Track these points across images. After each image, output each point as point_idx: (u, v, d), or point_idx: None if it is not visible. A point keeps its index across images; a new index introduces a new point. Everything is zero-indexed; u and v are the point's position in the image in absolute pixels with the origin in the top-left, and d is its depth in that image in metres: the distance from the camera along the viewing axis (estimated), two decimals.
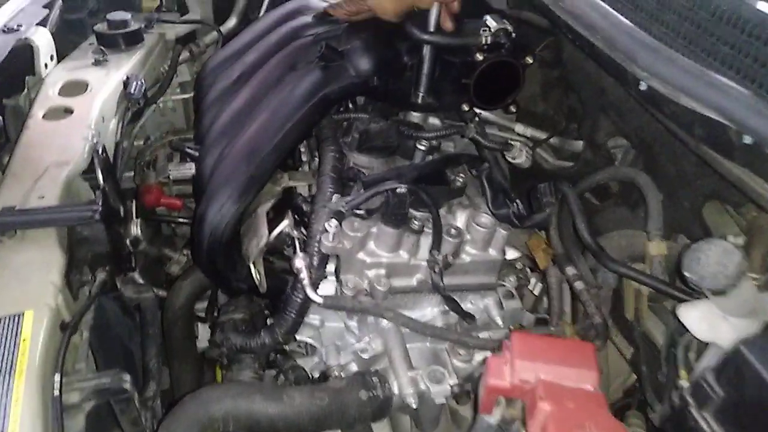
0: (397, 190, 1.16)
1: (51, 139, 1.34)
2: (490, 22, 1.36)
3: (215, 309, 1.72)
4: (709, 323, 0.93)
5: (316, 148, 1.47)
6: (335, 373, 1.25)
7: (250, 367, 1.33)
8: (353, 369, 1.26)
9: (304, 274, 1.16)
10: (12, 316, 0.92)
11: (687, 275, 0.94)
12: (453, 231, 1.24)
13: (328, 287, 1.27)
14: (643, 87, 1.00)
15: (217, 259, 1.28)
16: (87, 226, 1.09)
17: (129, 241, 1.36)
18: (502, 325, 1.30)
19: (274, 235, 1.28)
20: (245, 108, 1.43)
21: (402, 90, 1.44)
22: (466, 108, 1.45)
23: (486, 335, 1.28)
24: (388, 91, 1.43)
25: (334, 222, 1.18)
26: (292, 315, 1.24)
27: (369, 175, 1.34)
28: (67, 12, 1.93)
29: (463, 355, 1.23)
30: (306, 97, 1.33)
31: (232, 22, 2.26)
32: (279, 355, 1.40)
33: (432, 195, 1.22)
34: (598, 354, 0.91)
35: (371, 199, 1.21)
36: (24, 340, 0.88)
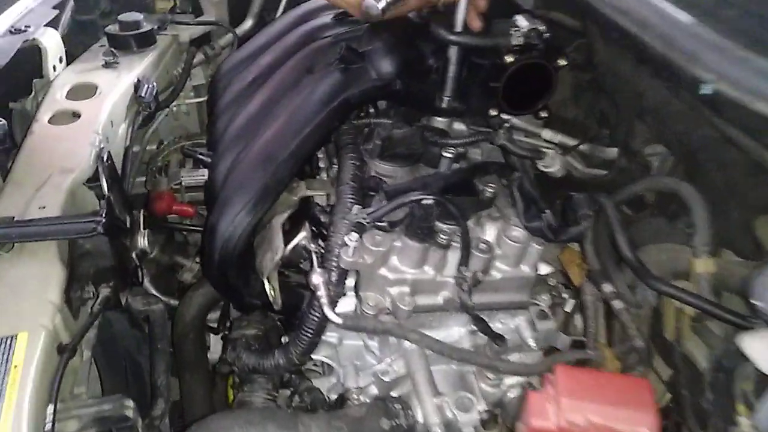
0: (423, 202, 1.09)
1: (56, 145, 1.27)
2: (521, 21, 1.29)
3: (227, 320, 1.66)
4: None
5: (335, 154, 1.41)
6: (354, 397, 1.19)
7: (263, 388, 1.28)
8: (373, 392, 1.20)
9: (321, 292, 1.09)
10: (4, 339, 0.84)
11: (759, 305, 0.84)
12: (482, 245, 1.16)
13: (347, 303, 1.20)
14: (706, 90, 0.90)
15: (228, 273, 1.21)
16: (90, 239, 1.01)
17: (135, 254, 1.28)
18: (535, 347, 1.23)
19: (289, 249, 1.20)
20: (260, 112, 1.38)
21: (426, 94, 1.37)
22: (493, 113, 1.38)
23: (517, 357, 1.21)
24: (412, 94, 1.36)
25: (355, 235, 1.10)
26: (309, 335, 1.16)
27: (392, 184, 1.27)
28: (78, 13, 1.90)
29: (492, 379, 1.16)
30: (325, 100, 1.27)
31: (247, 24, 2.23)
32: (294, 375, 1.33)
33: (460, 206, 1.15)
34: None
35: (394, 211, 1.13)
36: (15, 366, 0.80)
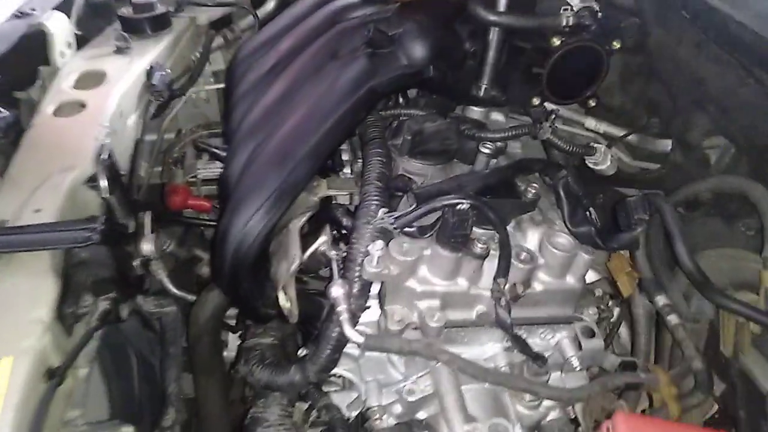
0: (458, 207, 0.96)
1: (59, 139, 1.17)
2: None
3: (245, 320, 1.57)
4: None
5: (360, 148, 1.29)
6: (376, 416, 1.10)
7: (278, 404, 1.18)
8: (397, 411, 1.11)
9: (342, 307, 0.98)
10: None
11: None
12: (524, 255, 1.04)
13: (371, 315, 1.09)
14: None
15: (241, 281, 1.10)
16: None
17: (140, 262, 1.18)
18: (579, 367, 1.10)
19: (307, 255, 1.09)
20: (279, 102, 1.26)
21: (462, 81, 1.26)
22: (536, 102, 1.27)
23: (558, 377, 1.11)
24: (446, 82, 1.24)
25: (380, 243, 0.98)
26: (327, 351, 1.05)
27: (422, 185, 1.15)
28: None
29: (530, 400, 1.06)
30: (349, 90, 1.15)
31: (270, 5, 2.12)
32: (312, 387, 1.22)
33: (499, 210, 1.02)
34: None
35: (424, 216, 1.01)
36: None
